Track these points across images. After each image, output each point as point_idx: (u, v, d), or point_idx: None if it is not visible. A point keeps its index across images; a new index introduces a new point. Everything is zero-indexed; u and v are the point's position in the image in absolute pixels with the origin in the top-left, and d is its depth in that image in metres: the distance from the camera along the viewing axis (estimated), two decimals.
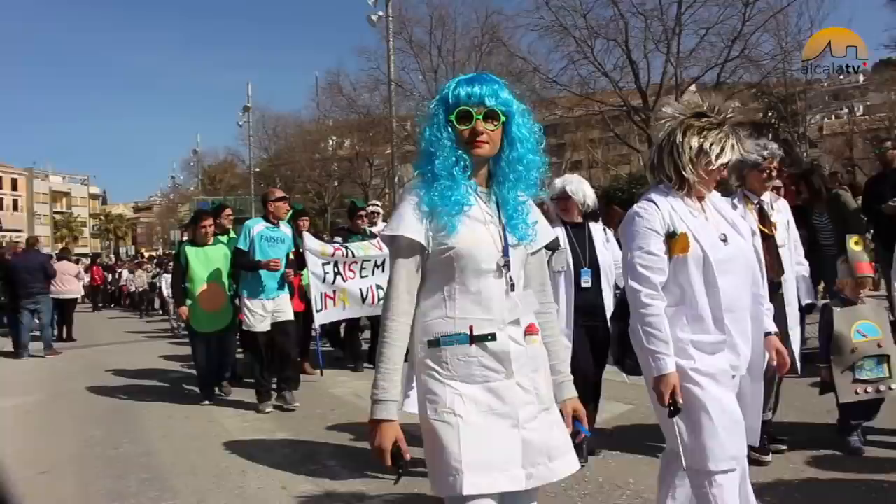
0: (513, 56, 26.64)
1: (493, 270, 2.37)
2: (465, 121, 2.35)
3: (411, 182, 2.52)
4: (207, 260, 8.02)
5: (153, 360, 11.66)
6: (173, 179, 68.07)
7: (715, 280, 2.94)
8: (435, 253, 2.35)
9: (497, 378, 2.34)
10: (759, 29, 22.51)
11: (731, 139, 3.01)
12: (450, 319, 2.35)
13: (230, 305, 8.02)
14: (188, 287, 7.98)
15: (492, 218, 2.43)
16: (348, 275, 8.67)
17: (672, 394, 2.84)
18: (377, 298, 8.72)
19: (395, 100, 28.33)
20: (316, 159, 42.82)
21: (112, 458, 5.92)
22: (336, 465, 5.31)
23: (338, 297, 8.55)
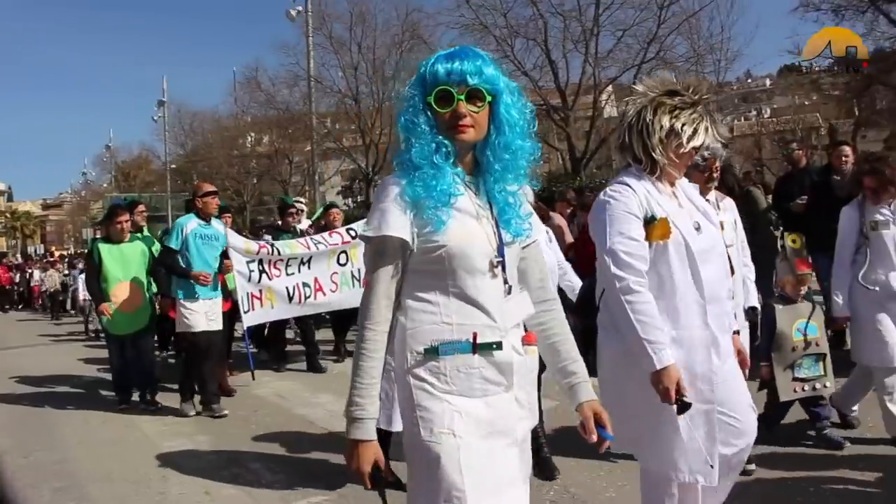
0: (433, 54, 26.64)
1: (487, 271, 2.12)
2: (445, 102, 2.10)
3: (389, 175, 2.24)
4: (123, 258, 7.56)
5: (66, 364, 11.24)
6: (85, 176, 65.92)
7: (697, 269, 2.78)
8: (421, 251, 2.10)
9: (496, 391, 2.12)
10: (673, 32, 23.11)
11: (705, 121, 2.82)
12: (447, 325, 2.09)
13: (148, 306, 7.65)
14: (103, 286, 7.48)
15: (484, 211, 2.18)
16: (274, 273, 8.37)
17: (678, 387, 2.63)
18: (304, 297, 8.55)
19: (315, 96, 28.13)
20: (234, 156, 42.07)
21: (23, 466, 5.68)
22: (261, 468, 5.23)
23: (265, 297, 8.26)
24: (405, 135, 2.16)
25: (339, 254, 8.81)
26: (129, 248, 7.63)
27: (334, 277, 8.77)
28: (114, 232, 7.66)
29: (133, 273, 7.56)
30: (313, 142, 28.94)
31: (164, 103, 42.71)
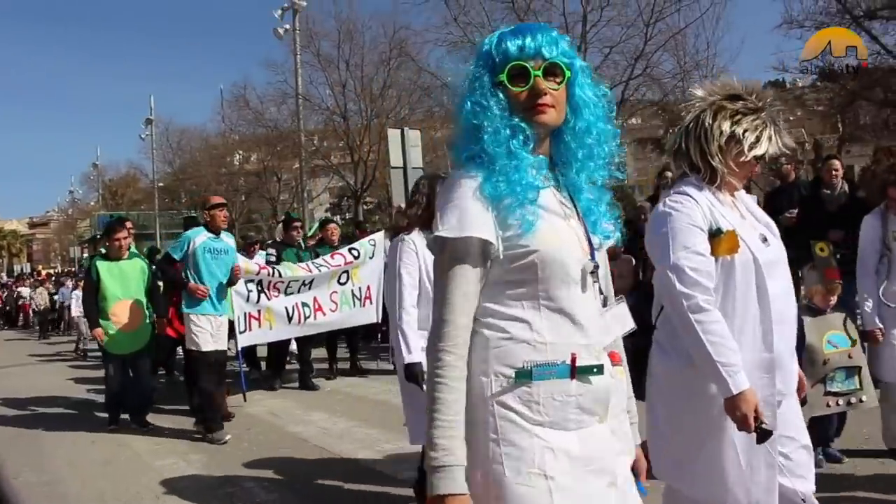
0: (421, 71, 26.75)
1: (580, 280, 1.83)
2: (520, 79, 1.82)
3: (455, 171, 1.91)
4: (122, 275, 7.35)
5: (55, 384, 11.14)
6: (72, 194, 65.65)
7: (765, 286, 2.55)
8: (507, 258, 1.78)
9: (590, 423, 1.82)
10: (660, 49, 23.26)
11: (769, 129, 2.60)
12: (539, 345, 1.77)
13: (148, 325, 7.47)
14: (101, 305, 7.26)
15: (569, 209, 1.90)
16: (272, 294, 8.30)
17: (756, 413, 2.38)
18: (303, 317, 8.50)
19: (303, 114, 28.10)
20: (222, 174, 41.95)
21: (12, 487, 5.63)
22: (255, 487, 5.19)
23: (263, 317, 8.19)
24: (473, 121, 1.85)
25: (340, 273, 8.82)
26: (128, 266, 7.45)
27: (333, 297, 8.78)
28: (113, 249, 7.46)
29: (133, 291, 7.39)
30: (302, 159, 28.91)
31: (151, 121, 42.64)
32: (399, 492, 4.83)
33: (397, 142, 13.12)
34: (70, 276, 25.15)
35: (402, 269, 4.00)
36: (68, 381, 11.38)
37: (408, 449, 5.80)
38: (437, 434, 1.70)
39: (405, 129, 13.69)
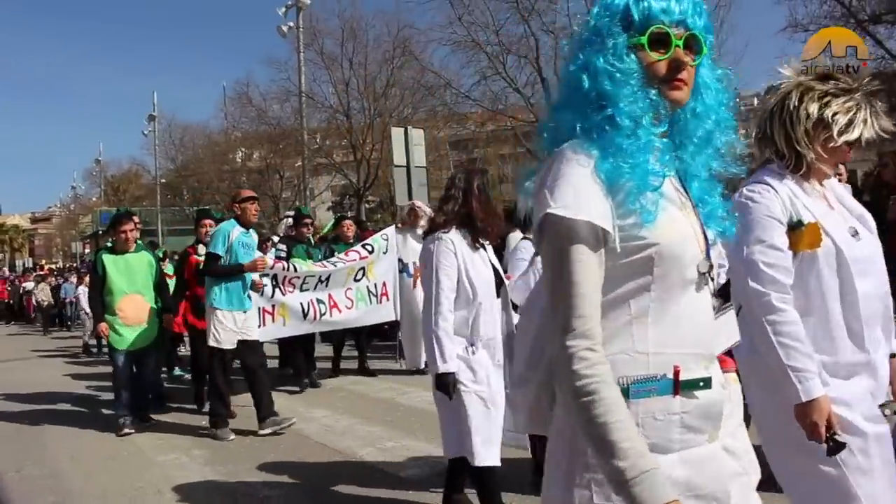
0: (425, 70, 26.76)
1: (695, 280, 1.60)
2: (661, 47, 1.57)
3: (567, 145, 1.60)
4: (129, 269, 7.19)
5: (59, 378, 11.19)
6: (74, 190, 65.70)
7: (853, 284, 2.32)
8: (622, 252, 1.54)
9: (697, 442, 1.57)
10: None
11: (864, 111, 2.32)
12: (639, 355, 1.55)
13: (156, 320, 7.35)
14: (108, 300, 7.10)
15: (686, 200, 1.67)
16: (287, 289, 8.14)
17: (829, 423, 2.20)
18: (319, 314, 8.34)
19: (306, 112, 28.11)
20: (225, 171, 41.96)
21: (15, 480, 5.65)
22: (257, 483, 5.20)
23: (277, 312, 8.00)
24: (602, 87, 1.58)
25: (357, 270, 8.75)
26: (135, 259, 7.30)
27: (349, 294, 8.67)
28: (119, 242, 7.30)
29: (139, 285, 7.25)
30: (304, 157, 28.91)
31: (154, 118, 42.65)
32: (401, 489, 4.83)
33: (401, 140, 13.13)
34: (73, 271, 25.01)
35: (440, 270, 3.77)
36: (71, 376, 11.40)
37: (411, 447, 5.84)
38: (620, 437, 1.41)
39: (408, 128, 13.71)
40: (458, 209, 3.86)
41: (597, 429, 1.43)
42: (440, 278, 3.75)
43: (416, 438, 6.11)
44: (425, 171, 13.87)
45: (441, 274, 3.76)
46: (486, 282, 3.86)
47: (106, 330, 7.08)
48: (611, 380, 1.46)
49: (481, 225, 3.87)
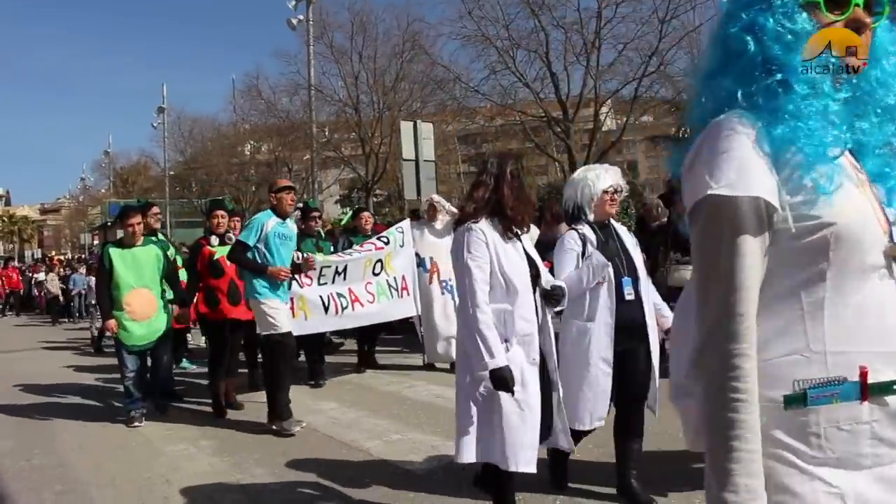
0: (434, 64, 26.74)
1: (879, 266, 1.40)
2: (834, 7, 1.41)
3: (726, 115, 1.46)
4: (136, 263, 6.99)
5: (66, 369, 11.23)
6: (83, 181, 65.97)
7: None
8: (795, 234, 1.37)
9: (893, 458, 1.38)
10: (674, 46, 23.14)
11: None
12: (815, 355, 1.36)
13: (164, 314, 7.18)
14: (114, 294, 6.92)
15: (863, 175, 1.48)
16: (304, 281, 7.98)
17: None
18: (340, 308, 8.19)
19: (315, 105, 28.14)
20: (233, 163, 42.07)
21: (24, 470, 5.67)
22: (264, 474, 5.21)
23: (296, 307, 7.79)
24: (772, 51, 1.43)
25: (374, 263, 8.66)
26: (142, 253, 7.10)
27: (369, 288, 8.56)
28: (126, 235, 7.15)
29: (147, 279, 7.05)
30: (313, 150, 28.96)
31: (163, 110, 42.75)
32: (407, 482, 4.84)
33: (410, 134, 13.13)
34: (82, 262, 24.96)
35: (471, 262, 3.54)
36: (79, 367, 11.42)
37: (417, 440, 5.85)
38: (739, 469, 1.31)
39: (417, 122, 13.70)
40: (489, 197, 3.67)
41: (723, 448, 1.33)
42: (472, 270, 3.54)
43: (422, 432, 6.12)
44: (434, 165, 13.88)
45: (472, 265, 3.54)
46: (521, 273, 3.65)
47: (114, 327, 6.88)
48: (756, 398, 1.33)
49: (512, 213, 3.67)
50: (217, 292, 7.39)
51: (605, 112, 26.17)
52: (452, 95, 26.01)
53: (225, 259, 7.16)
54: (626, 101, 24.53)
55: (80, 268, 22.30)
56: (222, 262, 7.31)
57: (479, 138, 35.64)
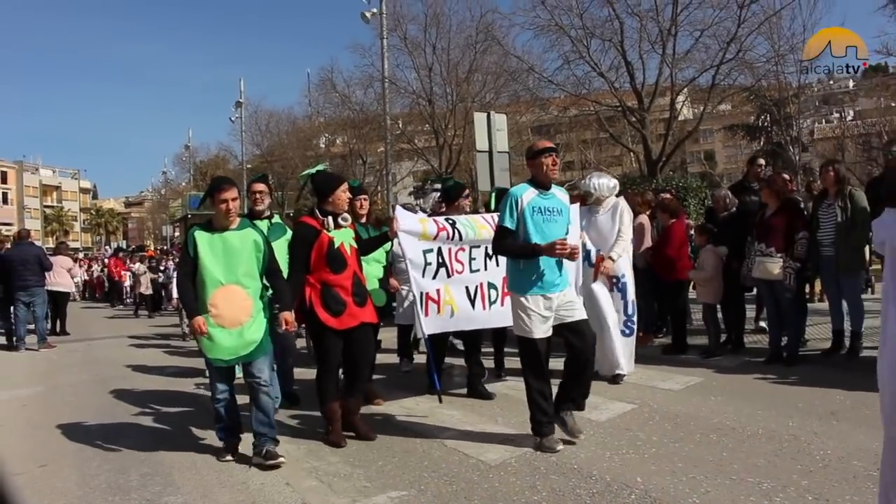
0: (507, 55, 26.68)
1: None
2: None
3: None
4: (227, 251, 5.30)
5: (151, 356, 11.62)
6: (165, 174, 67.93)
7: None
8: None
9: None
10: (753, 32, 22.57)
11: None
12: None
13: (262, 321, 5.43)
14: (198, 293, 5.32)
15: None
16: (455, 267, 6.54)
17: None
18: (488, 302, 6.72)
19: (389, 97, 28.33)
20: (309, 156, 42.77)
21: (111, 451, 5.87)
22: (339, 462, 5.27)
23: (443, 300, 6.42)
24: None
25: None
26: (236, 239, 5.36)
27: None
28: (218, 215, 5.39)
29: (240, 274, 5.33)
30: (387, 142, 29.16)
31: (241, 104, 43.61)
32: (481, 472, 4.84)
33: (483, 125, 13.12)
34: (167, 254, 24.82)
35: None
36: (164, 353, 11.83)
37: (490, 431, 5.84)
38: None
39: (491, 113, 13.68)
40: None
41: None
42: None
43: (495, 423, 6.11)
44: (508, 156, 13.84)
45: None
46: None
47: (203, 325, 5.24)
48: None
49: None
50: (339, 291, 5.69)
51: (682, 101, 25.71)
52: (526, 86, 25.91)
53: (345, 247, 5.78)
54: (703, 90, 24.08)
55: (167, 260, 21.90)
56: (343, 251, 5.76)
57: (553, 129, 35.35)
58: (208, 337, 5.26)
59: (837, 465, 4.60)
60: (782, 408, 6.04)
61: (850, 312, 7.85)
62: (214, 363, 5.37)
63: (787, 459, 4.76)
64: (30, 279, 13.40)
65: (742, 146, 45.54)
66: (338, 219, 5.79)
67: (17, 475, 5.26)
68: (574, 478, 4.60)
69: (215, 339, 5.26)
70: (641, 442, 5.31)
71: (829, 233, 7.77)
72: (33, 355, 12.71)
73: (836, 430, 5.35)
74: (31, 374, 10.54)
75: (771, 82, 26.66)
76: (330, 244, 5.68)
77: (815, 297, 11.17)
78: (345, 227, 5.84)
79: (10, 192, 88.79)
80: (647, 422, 5.83)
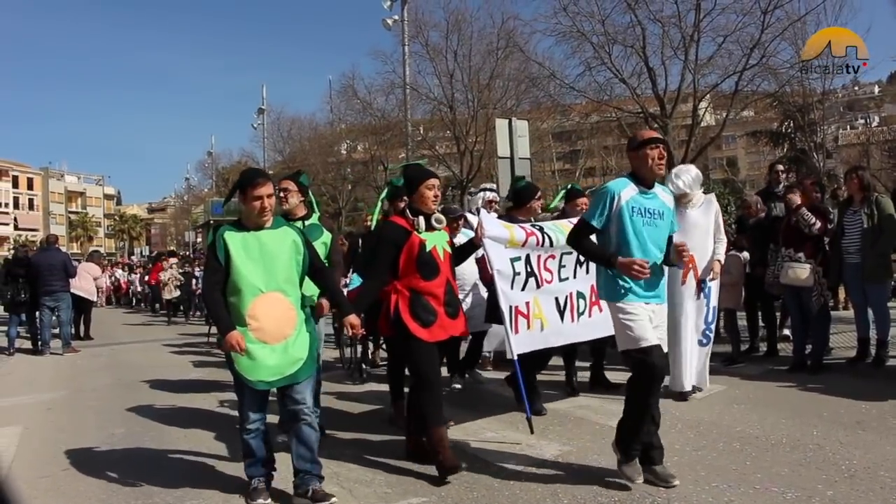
0: (529, 61, 26.63)
1: None
2: None
3: None
4: (264, 253, 4.48)
5: (174, 361, 11.71)
6: (188, 181, 68.51)
7: None
8: None
9: None
10: (777, 37, 22.38)
11: None
12: None
13: (305, 333, 4.62)
14: (232, 302, 4.46)
15: None
16: (544, 276, 5.87)
17: None
18: (577, 314, 6.04)
19: (410, 104, 28.42)
20: (330, 162, 43.00)
21: (135, 456, 5.91)
22: (360, 469, 5.24)
23: (532, 314, 5.70)
24: None
25: None
26: (272, 239, 4.55)
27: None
28: (251, 214, 4.53)
29: (281, 279, 4.53)
30: (408, 149, 29.22)
31: (263, 111, 43.93)
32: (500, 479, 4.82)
33: (505, 132, 13.13)
34: (188, 260, 24.80)
35: None
36: (187, 358, 11.87)
37: (510, 439, 5.82)
38: None
39: (512, 119, 13.69)
40: None
41: None
42: None
43: (517, 430, 6.08)
44: (529, 162, 13.83)
45: None
46: None
47: (241, 342, 4.33)
48: None
49: None
50: (430, 300, 5.07)
51: (704, 107, 25.49)
52: (547, 92, 25.81)
53: (438, 252, 5.13)
54: (726, 96, 23.87)
55: (195, 268, 21.51)
56: (435, 255, 5.12)
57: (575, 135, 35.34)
58: (247, 355, 4.38)
59: (864, 475, 4.54)
60: (806, 416, 5.98)
61: (876, 320, 7.77)
62: (255, 386, 4.45)
63: (811, 469, 4.71)
64: (55, 284, 13.54)
65: (765, 152, 45.18)
66: (430, 219, 5.17)
67: (41, 478, 5.31)
68: (596, 485, 4.58)
69: (256, 358, 4.39)
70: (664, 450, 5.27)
71: (855, 240, 7.71)
72: (58, 359, 12.84)
73: (862, 439, 5.29)
74: (56, 378, 10.64)
75: (795, 88, 26.45)
76: (421, 247, 5.06)
77: (839, 304, 11.07)
78: (439, 230, 5.22)
79: (36, 198, 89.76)
80: (669, 430, 5.77)
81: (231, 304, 4.47)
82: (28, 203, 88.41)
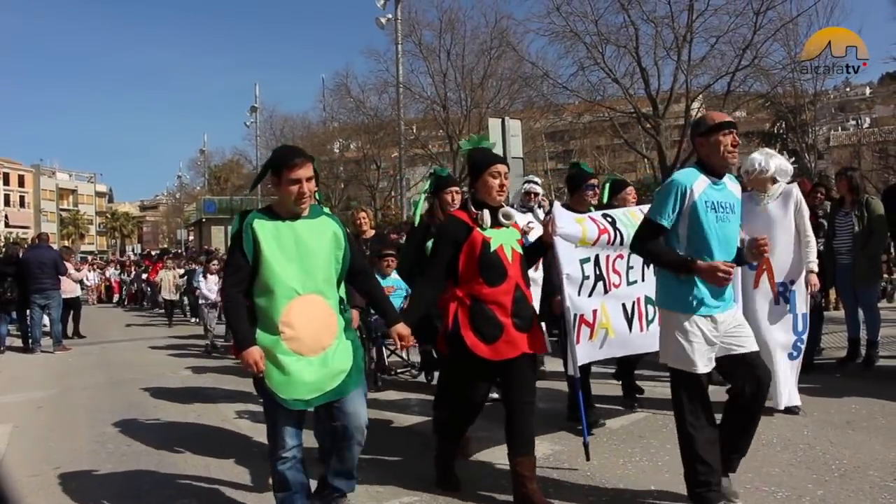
0: (522, 61, 26.69)
1: None
2: None
3: None
4: (300, 247, 3.73)
5: (165, 359, 11.67)
6: (180, 179, 68.37)
7: None
8: None
9: None
10: (769, 39, 22.49)
11: None
12: None
13: (345, 341, 3.89)
14: (261, 305, 3.70)
15: None
16: (612, 280, 5.15)
17: None
18: (646, 321, 5.29)
19: (404, 102, 28.45)
20: (323, 161, 42.86)
21: (125, 454, 5.89)
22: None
23: (598, 323, 4.99)
24: None
25: None
26: (310, 230, 3.80)
27: None
28: (285, 199, 3.74)
29: (320, 279, 3.79)
30: (401, 148, 29.27)
31: (256, 109, 43.89)
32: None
33: (497, 131, 13.13)
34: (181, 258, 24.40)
35: None
36: (177, 356, 11.86)
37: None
38: None
39: (505, 119, 13.69)
40: None
41: None
42: None
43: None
44: (522, 161, 13.83)
45: None
46: None
47: (260, 362, 3.61)
48: None
49: None
50: (495, 310, 4.22)
51: (697, 107, 25.60)
52: (540, 92, 25.92)
53: (505, 252, 4.28)
54: (719, 96, 24.00)
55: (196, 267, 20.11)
56: (502, 256, 4.27)
57: (567, 135, 35.38)
58: (281, 369, 3.65)
59: (853, 474, 4.56)
60: (797, 416, 6.00)
61: (866, 321, 7.81)
62: (291, 406, 3.70)
63: (802, 468, 4.72)
64: (45, 282, 13.48)
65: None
66: (497, 214, 4.32)
67: (31, 477, 5.29)
68: (587, 485, 4.58)
69: (291, 373, 3.65)
70: (655, 449, 5.28)
71: (846, 241, 7.74)
72: (49, 357, 12.78)
73: (852, 439, 5.32)
74: (47, 376, 10.59)
75: (787, 89, 26.58)
76: (484, 246, 4.23)
77: (830, 305, 11.11)
78: (507, 226, 4.36)
79: (27, 195, 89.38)
80: (660, 429, 5.79)
81: (260, 309, 3.72)
82: (19, 200, 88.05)
